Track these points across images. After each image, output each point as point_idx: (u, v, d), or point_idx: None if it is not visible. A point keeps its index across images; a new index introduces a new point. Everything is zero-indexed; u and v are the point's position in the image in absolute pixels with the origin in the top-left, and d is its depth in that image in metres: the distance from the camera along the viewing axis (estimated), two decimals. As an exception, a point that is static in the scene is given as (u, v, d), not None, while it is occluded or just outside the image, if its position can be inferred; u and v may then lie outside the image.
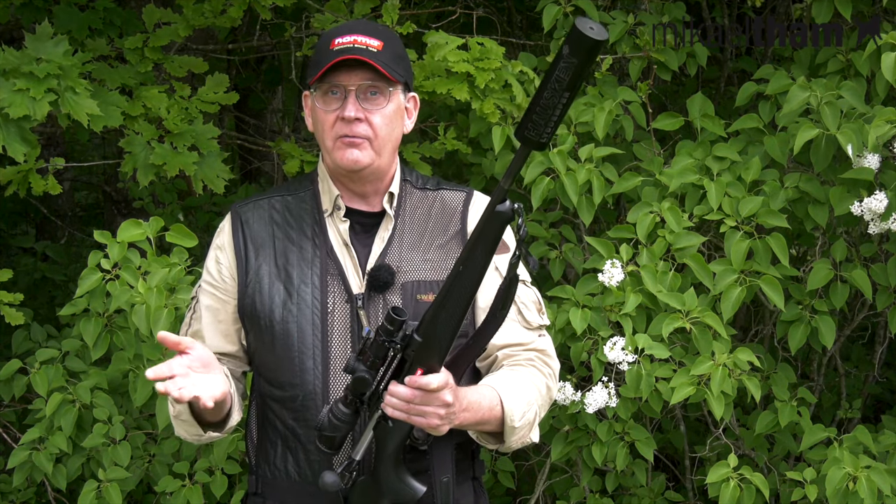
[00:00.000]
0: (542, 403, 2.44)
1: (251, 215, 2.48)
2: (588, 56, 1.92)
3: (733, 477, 3.44)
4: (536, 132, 2.00)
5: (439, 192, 2.50)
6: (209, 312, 2.48)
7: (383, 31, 2.42)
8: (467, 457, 2.48)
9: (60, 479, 3.61)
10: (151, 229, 3.32)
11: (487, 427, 2.34)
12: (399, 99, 2.41)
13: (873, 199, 3.36)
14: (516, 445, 2.39)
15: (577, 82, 1.95)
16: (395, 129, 2.42)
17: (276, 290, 2.40)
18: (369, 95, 2.37)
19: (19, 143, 3.26)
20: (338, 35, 2.38)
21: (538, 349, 2.47)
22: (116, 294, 3.25)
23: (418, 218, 2.46)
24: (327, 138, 2.39)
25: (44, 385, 3.60)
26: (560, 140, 3.67)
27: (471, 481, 2.50)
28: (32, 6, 4.07)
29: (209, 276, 2.49)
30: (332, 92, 2.37)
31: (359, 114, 2.35)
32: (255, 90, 5.86)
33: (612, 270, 3.38)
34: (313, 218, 2.46)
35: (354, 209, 2.46)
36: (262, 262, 2.43)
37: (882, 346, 4.29)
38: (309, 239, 2.44)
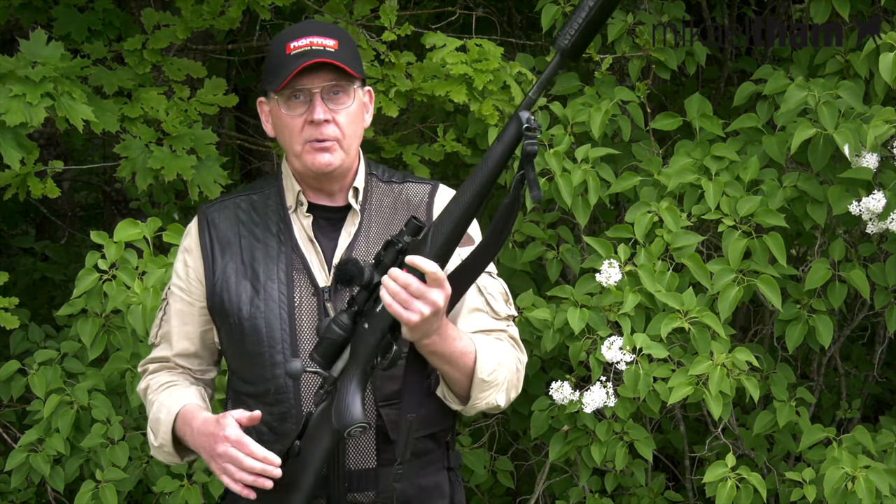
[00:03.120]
0: (512, 376, 2.42)
1: (217, 216, 2.50)
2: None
3: (731, 477, 3.44)
4: (563, 36, 2.06)
5: (405, 185, 2.52)
6: (177, 315, 2.52)
7: (335, 30, 2.44)
8: (440, 445, 2.49)
9: (58, 481, 3.61)
10: (148, 229, 3.33)
11: (455, 372, 2.32)
12: (360, 96, 2.44)
13: (871, 199, 3.36)
14: (481, 405, 2.37)
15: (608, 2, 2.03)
16: (360, 126, 2.45)
17: (242, 287, 2.43)
18: (333, 95, 2.38)
19: (15, 149, 3.26)
20: (291, 39, 2.39)
21: (509, 336, 2.48)
22: (113, 294, 3.25)
23: (385, 211, 2.48)
24: (295, 143, 2.40)
25: (42, 386, 3.60)
26: (556, 140, 3.68)
27: (445, 471, 2.51)
28: (32, 7, 4.08)
29: (177, 279, 2.53)
30: (296, 96, 2.38)
31: (327, 115, 2.37)
32: (255, 90, 5.85)
33: (610, 270, 3.39)
34: (278, 215, 2.48)
35: (319, 204, 2.48)
36: (229, 261, 2.45)
37: (882, 345, 4.29)
38: (274, 235, 2.46)
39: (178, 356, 2.55)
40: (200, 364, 2.56)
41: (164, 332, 2.55)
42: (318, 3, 3.94)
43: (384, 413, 2.39)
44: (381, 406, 2.39)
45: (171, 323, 2.53)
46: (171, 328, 2.53)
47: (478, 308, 2.43)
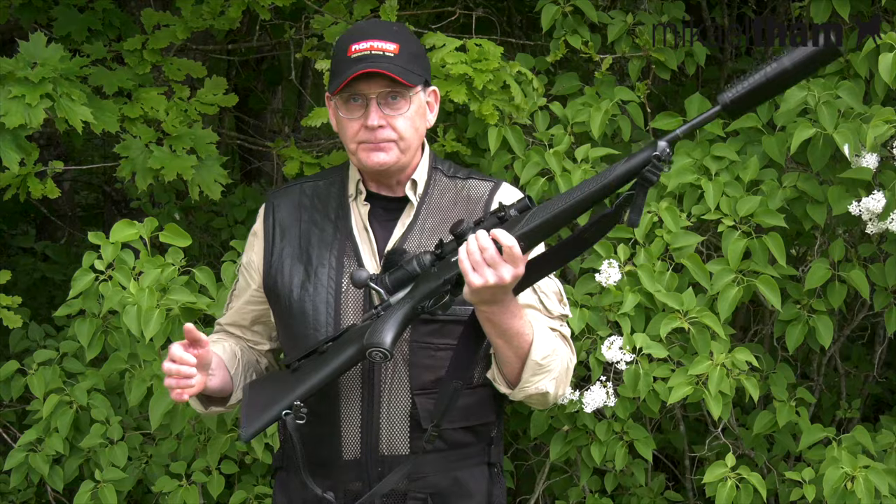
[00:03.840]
0: (563, 369, 2.42)
1: (281, 201, 2.58)
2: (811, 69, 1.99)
3: (731, 476, 3.44)
4: (728, 91, 2.03)
5: (468, 181, 2.55)
6: (239, 292, 2.65)
7: (398, 32, 2.46)
8: (481, 440, 2.51)
9: (57, 481, 3.61)
10: (146, 229, 3.33)
11: (508, 350, 2.32)
12: (420, 98, 2.46)
13: (871, 199, 3.36)
14: (531, 388, 2.37)
15: (785, 77, 2.00)
16: (419, 128, 2.48)
17: (295, 270, 2.49)
18: (390, 100, 2.42)
19: (14, 151, 3.27)
20: (354, 41, 2.42)
21: (562, 335, 2.49)
22: (109, 295, 3.26)
23: (444, 205, 2.51)
24: (351, 143, 2.46)
25: (41, 387, 3.61)
26: (556, 140, 3.68)
27: (485, 466, 2.52)
28: (32, 7, 4.08)
29: (245, 259, 2.64)
30: (354, 99, 2.42)
31: (381, 121, 2.41)
32: (255, 90, 5.86)
33: (609, 270, 3.39)
34: (338, 202, 2.54)
35: (379, 194, 2.53)
36: (286, 245, 2.52)
37: (882, 346, 4.29)
38: (332, 222, 2.51)
39: (229, 325, 2.67)
40: (253, 336, 2.65)
41: (230, 303, 2.68)
42: (318, 3, 3.94)
43: (418, 402, 2.41)
44: (416, 394, 2.42)
45: (232, 297, 2.67)
46: (232, 302, 2.67)
47: (530, 305, 2.44)
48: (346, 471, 2.43)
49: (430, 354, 2.41)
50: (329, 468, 2.45)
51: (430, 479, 2.44)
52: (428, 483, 2.44)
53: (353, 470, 2.42)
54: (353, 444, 2.43)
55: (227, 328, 2.67)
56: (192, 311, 3.27)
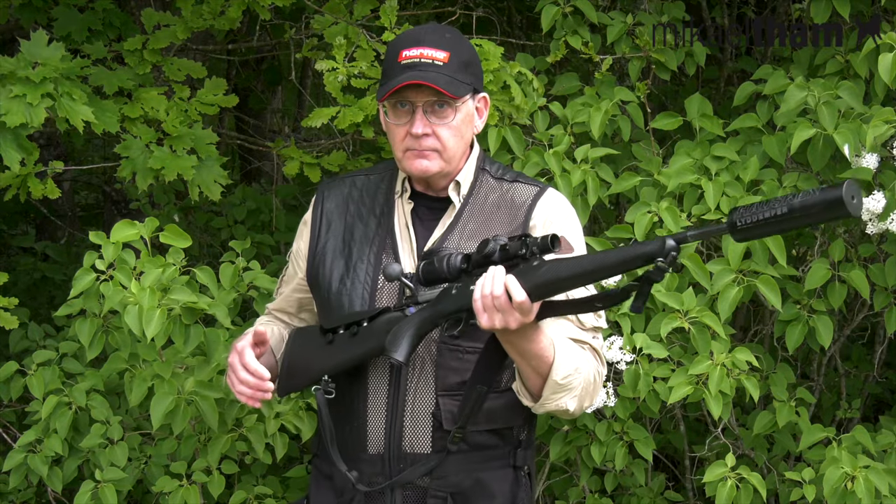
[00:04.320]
0: (588, 385, 2.43)
1: (331, 192, 2.62)
2: (824, 216, 1.92)
3: (731, 476, 3.44)
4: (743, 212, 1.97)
5: (514, 185, 2.56)
6: (287, 278, 2.70)
7: (450, 39, 2.47)
8: (507, 443, 2.51)
9: (56, 482, 3.61)
10: (146, 229, 3.33)
11: (529, 369, 2.35)
12: (468, 106, 2.49)
13: (871, 200, 3.36)
14: (551, 406, 2.39)
15: (803, 220, 1.93)
16: (466, 135, 2.50)
17: (336, 264, 2.53)
18: (436, 109, 2.43)
19: (15, 150, 3.27)
20: (405, 47, 2.45)
21: (592, 348, 2.50)
22: (110, 295, 3.26)
23: (488, 207, 2.52)
24: (397, 149, 2.48)
25: (40, 387, 3.60)
26: (556, 141, 3.68)
27: (511, 469, 2.52)
28: (32, 7, 4.08)
29: (294, 247, 2.68)
30: (401, 104, 2.44)
31: (426, 129, 2.43)
32: (255, 90, 5.87)
33: (609, 270, 3.38)
34: (385, 197, 2.56)
35: (425, 194, 2.55)
36: (331, 238, 2.56)
37: (882, 346, 4.29)
38: (376, 217, 2.54)
39: (277, 311, 2.74)
40: (300, 323, 2.71)
41: (280, 288, 2.75)
42: (319, 3, 3.94)
43: (442, 403, 2.43)
44: (440, 395, 2.43)
45: (282, 283, 2.74)
46: (281, 288, 2.73)
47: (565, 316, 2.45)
48: (371, 464, 2.46)
49: (457, 357, 2.43)
50: (354, 461, 2.47)
51: (451, 479, 2.46)
52: (449, 482, 2.46)
53: (376, 464, 2.45)
54: (377, 438, 2.46)
55: (276, 313, 2.74)
56: (193, 310, 3.27)
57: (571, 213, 2.57)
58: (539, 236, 2.22)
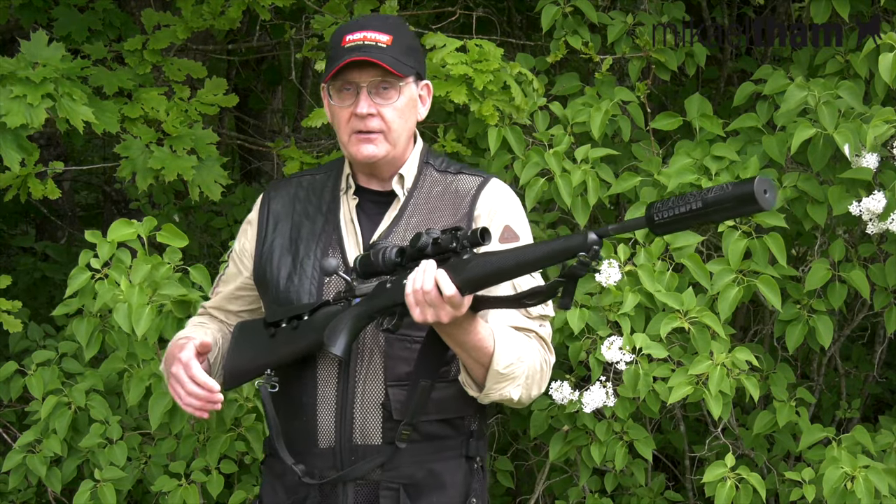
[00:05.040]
0: (534, 373, 2.46)
1: (278, 193, 2.64)
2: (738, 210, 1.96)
3: (730, 476, 3.44)
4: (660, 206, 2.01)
5: (458, 176, 2.58)
6: (228, 277, 2.71)
7: (393, 24, 2.51)
8: (459, 433, 2.53)
9: (55, 482, 3.61)
10: (143, 229, 3.32)
11: (470, 360, 2.37)
12: (411, 90, 2.51)
13: (871, 199, 3.36)
14: (495, 395, 2.42)
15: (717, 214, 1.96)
16: (409, 120, 2.52)
17: (283, 262, 2.55)
18: (381, 90, 2.46)
19: (15, 151, 3.27)
20: (349, 31, 2.47)
21: (539, 336, 2.52)
22: (102, 293, 3.26)
23: (432, 199, 2.54)
24: (343, 133, 2.50)
25: (39, 387, 3.60)
26: (556, 141, 3.68)
27: (463, 459, 2.54)
28: (32, 7, 4.09)
29: (237, 246, 2.69)
30: (346, 88, 2.47)
31: (371, 109, 2.45)
32: (255, 90, 5.87)
33: (609, 270, 3.38)
34: (331, 195, 2.59)
35: (369, 189, 2.57)
36: (277, 236, 2.58)
37: (882, 345, 4.29)
38: (322, 215, 2.57)
39: (214, 309, 2.73)
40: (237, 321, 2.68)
41: (217, 287, 2.75)
42: (319, 3, 3.94)
43: (391, 393, 2.44)
44: (389, 385, 2.45)
45: (220, 282, 2.74)
46: (219, 287, 2.74)
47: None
48: (322, 458, 2.47)
49: (406, 346, 2.45)
50: (305, 455, 2.48)
51: (403, 470, 2.46)
52: (402, 474, 2.47)
53: (328, 458, 2.46)
54: (328, 432, 2.47)
55: (213, 312, 2.73)
56: (185, 304, 3.27)
57: (515, 202, 2.60)
58: (470, 230, 2.25)
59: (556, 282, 2.16)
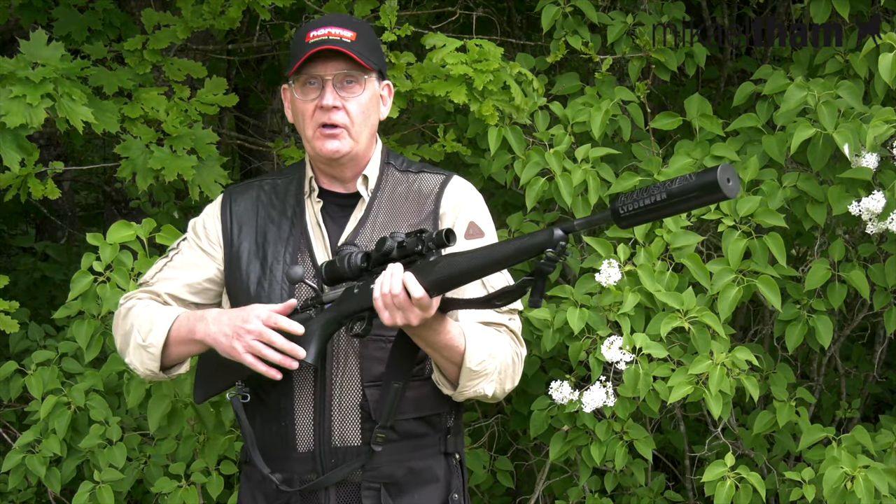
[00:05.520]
0: (506, 368, 2.47)
1: (240, 196, 2.62)
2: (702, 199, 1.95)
3: (730, 476, 3.44)
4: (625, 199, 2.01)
5: (419, 175, 2.59)
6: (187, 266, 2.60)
7: (356, 23, 2.53)
8: (437, 430, 2.54)
9: (55, 483, 3.61)
10: (143, 230, 3.33)
11: (441, 359, 2.38)
12: (374, 86, 2.52)
13: (871, 199, 3.36)
14: (469, 392, 2.43)
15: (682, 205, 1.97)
16: (372, 116, 2.53)
17: (252, 267, 2.53)
18: (345, 84, 2.48)
19: (15, 151, 3.27)
20: (312, 28, 2.49)
21: (509, 329, 2.53)
22: (107, 297, 3.25)
23: (396, 199, 2.55)
24: (307, 127, 2.50)
25: (39, 387, 3.60)
26: (556, 140, 3.68)
27: (442, 456, 2.55)
28: (32, 7, 4.09)
29: (194, 237, 2.62)
30: (310, 82, 2.48)
31: (336, 101, 2.46)
32: (255, 90, 5.86)
33: (609, 270, 3.38)
34: (296, 199, 2.58)
35: (333, 191, 2.57)
36: (244, 241, 2.56)
37: (882, 345, 4.29)
38: (288, 219, 2.56)
39: (168, 295, 2.60)
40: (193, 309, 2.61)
41: (164, 275, 2.61)
42: (318, 3, 3.94)
43: (368, 393, 2.45)
44: (366, 386, 2.45)
45: (175, 270, 2.60)
46: (174, 274, 2.60)
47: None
48: (301, 463, 2.47)
49: (380, 347, 2.45)
50: (284, 461, 2.48)
51: (383, 470, 2.47)
52: (382, 473, 2.47)
53: (307, 462, 2.46)
54: (306, 436, 2.47)
55: (166, 297, 2.61)
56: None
57: (479, 199, 2.60)
58: (435, 231, 2.25)
59: (525, 280, 2.16)
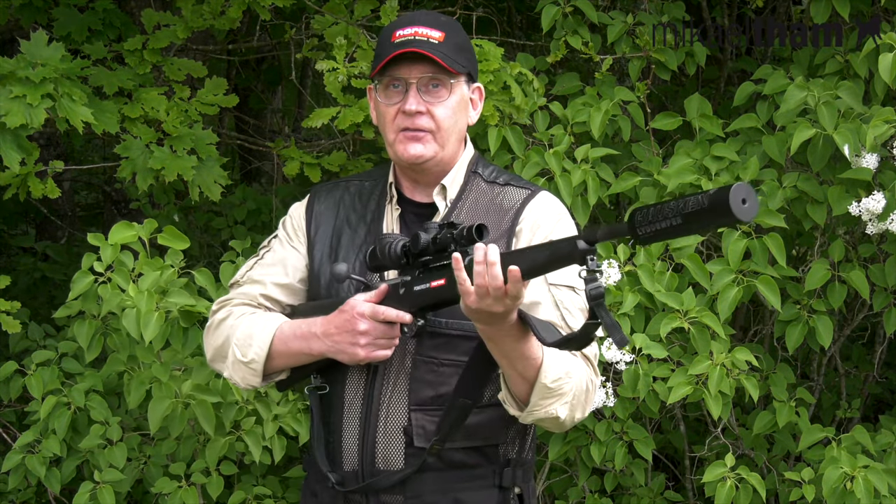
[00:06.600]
0: (580, 392, 2.31)
1: (324, 196, 2.52)
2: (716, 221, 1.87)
3: (730, 476, 3.44)
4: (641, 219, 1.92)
5: (505, 188, 2.44)
6: (279, 262, 2.51)
7: (445, 22, 2.39)
8: (491, 462, 2.40)
9: (54, 483, 3.61)
10: (144, 231, 3.32)
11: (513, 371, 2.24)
12: (462, 90, 2.38)
13: (871, 200, 3.36)
14: (540, 413, 2.27)
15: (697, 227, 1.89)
16: (459, 121, 2.40)
17: (323, 270, 2.45)
18: (431, 88, 2.35)
19: (15, 151, 3.27)
20: (399, 27, 2.36)
21: (584, 356, 2.37)
22: (108, 298, 3.25)
23: (477, 212, 2.42)
24: (389, 131, 2.38)
25: (39, 387, 3.60)
26: (556, 140, 3.68)
27: (496, 489, 2.41)
28: (32, 7, 4.09)
29: (283, 233, 2.53)
30: (394, 85, 2.36)
31: (420, 107, 2.34)
32: (255, 90, 5.87)
33: (609, 271, 3.39)
34: (377, 204, 2.47)
35: (413, 200, 2.46)
36: (318, 242, 2.47)
37: (882, 345, 4.29)
38: (366, 224, 2.46)
39: (264, 297, 2.51)
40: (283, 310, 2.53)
41: (255, 275, 2.52)
42: (319, 3, 3.94)
43: (414, 417, 2.34)
44: (413, 409, 2.35)
45: (266, 268, 2.51)
46: (266, 273, 2.51)
47: (552, 322, 2.31)
48: (347, 482, 2.38)
49: (432, 369, 2.34)
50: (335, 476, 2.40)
51: (427, 498, 2.36)
52: (425, 502, 2.36)
53: (352, 481, 2.37)
54: (351, 455, 2.38)
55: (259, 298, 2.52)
56: (190, 314, 3.27)
57: (564, 215, 2.45)
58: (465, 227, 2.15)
59: (588, 324, 2.05)
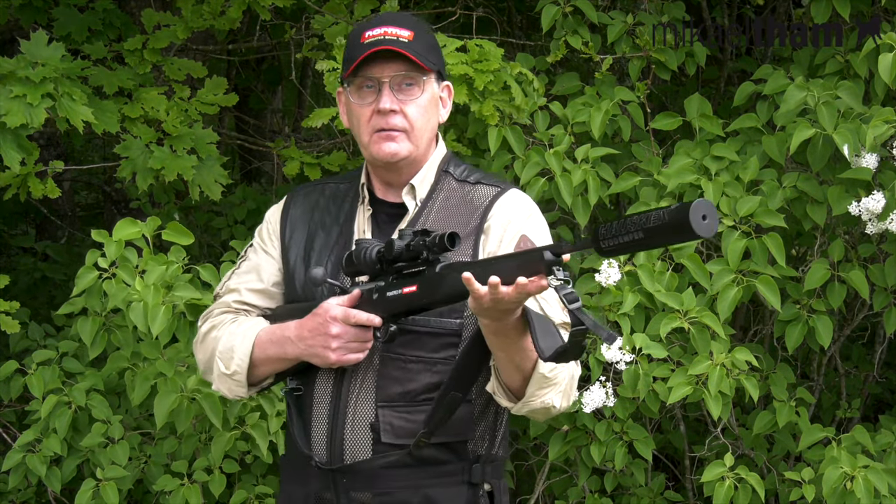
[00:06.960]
0: (570, 381, 2.33)
1: (301, 199, 2.54)
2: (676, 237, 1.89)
3: (729, 476, 3.44)
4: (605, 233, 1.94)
5: (476, 187, 2.45)
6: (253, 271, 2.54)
7: (413, 22, 2.41)
8: (461, 458, 2.40)
9: (55, 482, 3.61)
10: (148, 228, 3.33)
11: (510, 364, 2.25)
12: (433, 88, 2.40)
13: (871, 200, 3.36)
14: (536, 403, 2.28)
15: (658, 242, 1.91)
16: (431, 119, 2.41)
17: (297, 273, 2.46)
18: (404, 86, 2.36)
19: (15, 151, 3.27)
20: (368, 28, 2.38)
21: None
22: (113, 293, 3.25)
23: (448, 211, 2.42)
24: (364, 133, 2.39)
25: (39, 387, 3.60)
26: (556, 140, 3.68)
27: (466, 486, 2.40)
28: (32, 7, 4.09)
29: (259, 240, 2.55)
30: (367, 86, 2.37)
31: (394, 105, 2.34)
32: (255, 90, 5.87)
33: (609, 271, 3.39)
34: (351, 205, 2.48)
35: (385, 200, 2.47)
36: (292, 245, 2.49)
37: (882, 345, 4.29)
38: (338, 225, 2.47)
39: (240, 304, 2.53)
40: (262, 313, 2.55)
41: (231, 284, 2.54)
42: (319, 3, 3.94)
43: (381, 414, 2.35)
44: (380, 406, 2.35)
45: (241, 276, 2.53)
46: (241, 281, 2.53)
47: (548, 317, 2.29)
48: (317, 478, 2.39)
49: (399, 366, 2.35)
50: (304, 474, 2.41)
51: (397, 495, 2.35)
52: (395, 499, 2.35)
53: (323, 478, 2.38)
54: (320, 451, 2.39)
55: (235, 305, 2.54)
56: (196, 307, 3.27)
57: (534, 212, 2.46)
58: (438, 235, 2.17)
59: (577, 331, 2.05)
